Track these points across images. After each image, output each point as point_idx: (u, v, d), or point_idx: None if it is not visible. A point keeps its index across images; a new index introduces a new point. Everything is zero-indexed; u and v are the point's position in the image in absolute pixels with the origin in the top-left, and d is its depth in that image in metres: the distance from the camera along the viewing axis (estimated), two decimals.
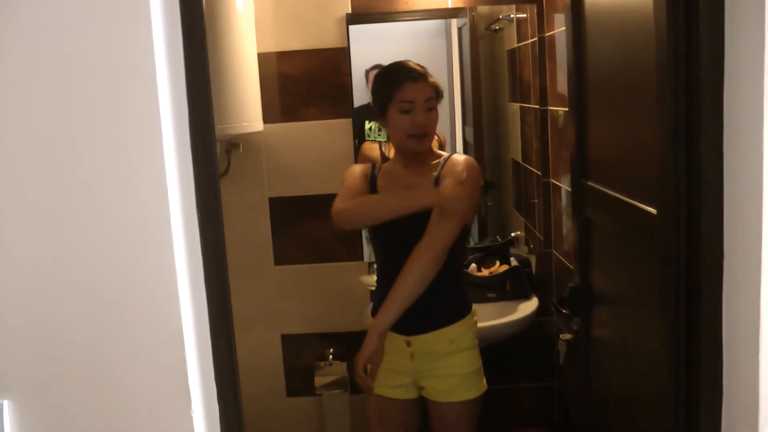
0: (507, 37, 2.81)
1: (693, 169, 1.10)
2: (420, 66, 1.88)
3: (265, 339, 2.79)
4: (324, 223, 2.55)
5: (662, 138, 1.19)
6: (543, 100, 2.60)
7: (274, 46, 2.57)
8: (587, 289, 1.77)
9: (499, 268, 2.65)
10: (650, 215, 1.29)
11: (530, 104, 2.67)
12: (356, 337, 2.03)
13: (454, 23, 2.77)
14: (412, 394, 1.98)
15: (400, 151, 1.93)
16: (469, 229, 2.05)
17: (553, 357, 2.64)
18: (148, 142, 0.86)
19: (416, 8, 2.60)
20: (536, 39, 2.58)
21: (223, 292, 0.99)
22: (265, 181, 2.66)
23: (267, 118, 2.56)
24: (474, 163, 1.91)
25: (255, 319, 2.76)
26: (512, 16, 2.68)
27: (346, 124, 2.63)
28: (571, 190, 1.88)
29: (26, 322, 0.92)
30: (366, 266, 2.71)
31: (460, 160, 1.90)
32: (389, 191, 1.91)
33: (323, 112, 2.62)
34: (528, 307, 2.53)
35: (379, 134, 2.70)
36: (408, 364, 1.92)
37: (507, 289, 2.61)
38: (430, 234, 1.78)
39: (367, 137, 2.73)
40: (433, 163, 1.93)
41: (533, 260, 2.73)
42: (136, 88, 0.85)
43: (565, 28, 1.82)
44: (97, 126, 0.86)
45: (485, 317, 2.42)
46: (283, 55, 2.58)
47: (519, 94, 2.78)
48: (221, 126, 2.32)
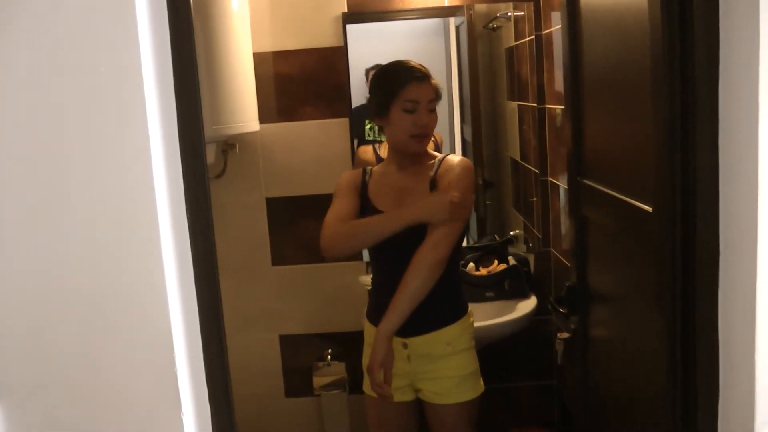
0: (505, 36, 2.80)
1: (688, 167, 1.10)
2: (422, 66, 1.87)
3: (263, 340, 2.78)
4: (322, 223, 2.54)
5: (658, 135, 1.18)
6: (541, 99, 2.60)
7: (270, 45, 2.56)
8: (584, 287, 1.77)
9: (497, 267, 2.64)
10: (646, 213, 1.28)
11: (528, 102, 2.66)
12: (355, 337, 2.02)
13: (452, 22, 2.76)
14: (409, 396, 1.97)
15: (399, 151, 1.92)
16: (467, 230, 2.04)
17: (552, 356, 2.63)
18: (135, 145, 0.85)
19: (413, 7, 2.59)
20: (533, 37, 2.57)
21: (214, 293, 0.99)
22: (261, 181, 2.66)
23: (263, 118, 2.55)
24: (469, 164, 1.89)
25: (253, 319, 2.75)
26: (510, 14, 2.68)
27: (343, 123, 2.62)
28: (567, 189, 1.87)
29: (16, 326, 0.91)
30: (364, 266, 2.70)
31: (455, 161, 1.89)
32: (381, 199, 1.89)
33: (320, 112, 2.61)
34: (526, 306, 2.52)
35: (380, 135, 2.68)
36: (405, 366, 1.91)
37: (505, 288, 2.60)
38: (432, 237, 1.77)
39: (367, 137, 2.72)
40: (428, 164, 1.92)
41: (532, 259, 2.72)
42: (122, 89, 0.84)
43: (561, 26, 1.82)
44: (83, 128, 0.85)
45: (484, 316, 2.41)
46: (279, 55, 2.57)
47: (517, 92, 2.77)
48: (217, 126, 2.31)
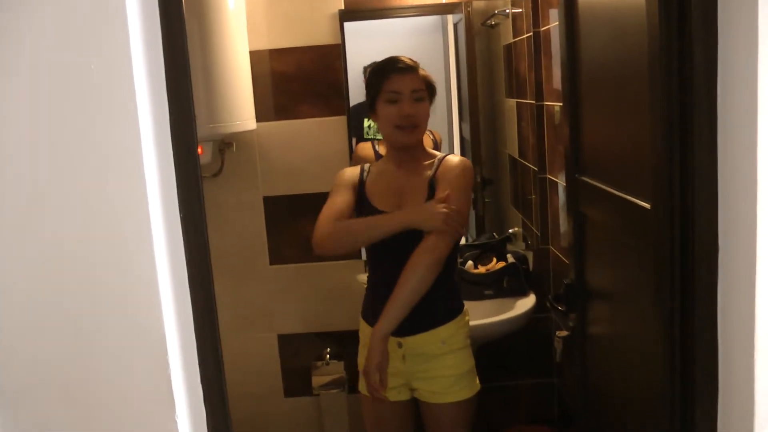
0: (503, 33, 2.79)
1: (687, 164, 1.10)
2: (411, 60, 1.87)
3: (261, 339, 2.78)
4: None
5: (656, 132, 1.18)
6: (539, 96, 2.59)
7: (266, 43, 2.55)
8: (583, 285, 1.76)
9: (496, 265, 2.63)
10: (644, 210, 1.28)
11: (526, 100, 2.65)
12: (354, 336, 2.01)
13: (449, 19, 2.75)
14: (404, 395, 1.96)
15: (390, 144, 1.91)
16: (466, 229, 2.03)
17: (551, 353, 2.62)
18: (127, 144, 0.84)
19: (411, 4, 2.58)
20: (531, 34, 2.56)
21: (208, 293, 0.98)
22: (259, 180, 2.65)
23: (260, 116, 2.54)
24: (469, 165, 1.88)
25: (251, 319, 2.75)
26: (508, 11, 2.67)
27: (341, 121, 2.61)
28: (566, 186, 1.86)
29: (8, 327, 0.90)
30: (362, 264, 2.69)
31: (455, 162, 1.87)
32: (379, 198, 1.88)
33: (317, 110, 2.60)
34: (525, 303, 2.51)
35: (378, 132, 2.67)
36: (400, 366, 1.89)
37: (504, 286, 2.59)
38: (428, 240, 1.76)
39: (366, 135, 2.71)
40: (426, 163, 1.90)
41: (530, 256, 2.71)
42: (113, 88, 0.83)
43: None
44: (74, 128, 0.84)
45: (482, 314, 2.40)
46: (275, 53, 2.56)
47: (515, 89, 2.76)
48: (214, 125, 2.30)
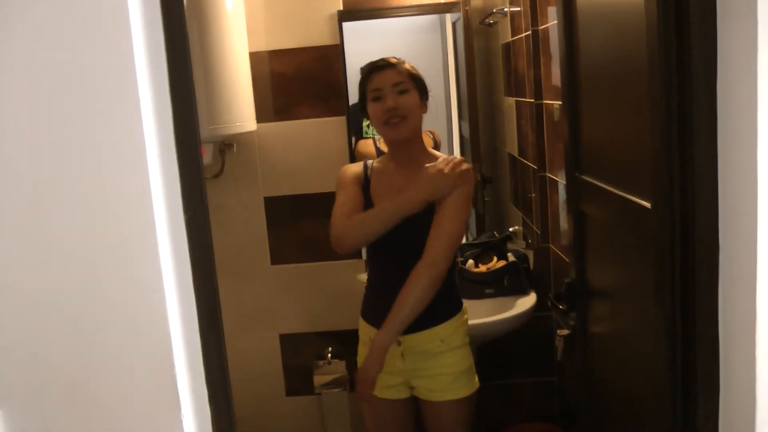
0: (501, 31, 2.80)
1: (687, 162, 1.09)
2: (395, 58, 1.89)
3: (263, 339, 2.78)
4: (320, 222, 2.54)
5: (655, 130, 1.18)
6: (538, 94, 2.59)
7: (265, 44, 2.56)
8: (583, 284, 1.76)
9: (496, 264, 2.64)
10: (645, 209, 1.28)
11: (525, 98, 2.65)
12: (355, 335, 2.02)
13: (448, 18, 2.76)
14: (403, 393, 1.97)
15: (386, 142, 1.93)
16: (466, 228, 2.03)
17: (552, 352, 2.63)
18: (130, 145, 0.84)
19: (409, 3, 2.58)
20: (530, 32, 2.57)
21: (212, 293, 0.98)
22: (259, 180, 2.65)
23: (260, 117, 2.55)
24: (469, 166, 1.89)
25: (253, 319, 2.75)
26: (506, 9, 2.67)
27: (341, 122, 2.62)
28: (565, 185, 1.87)
29: (12, 329, 0.90)
30: (363, 264, 2.70)
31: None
32: (382, 199, 1.88)
33: (317, 110, 2.61)
34: (526, 302, 2.51)
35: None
36: (399, 364, 1.90)
37: (504, 285, 2.59)
38: (430, 253, 1.77)
39: (365, 134, 2.72)
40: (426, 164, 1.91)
41: (531, 255, 2.71)
42: (116, 89, 0.84)
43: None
44: (77, 130, 0.85)
45: (483, 313, 2.41)
46: (275, 54, 2.57)
47: (514, 88, 2.76)
48: (214, 126, 2.30)
